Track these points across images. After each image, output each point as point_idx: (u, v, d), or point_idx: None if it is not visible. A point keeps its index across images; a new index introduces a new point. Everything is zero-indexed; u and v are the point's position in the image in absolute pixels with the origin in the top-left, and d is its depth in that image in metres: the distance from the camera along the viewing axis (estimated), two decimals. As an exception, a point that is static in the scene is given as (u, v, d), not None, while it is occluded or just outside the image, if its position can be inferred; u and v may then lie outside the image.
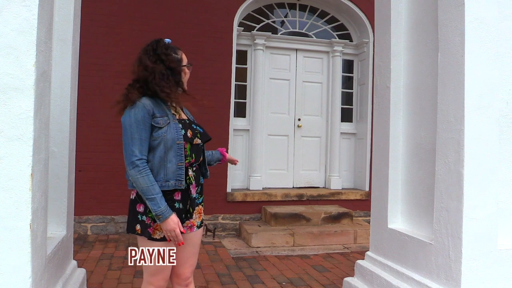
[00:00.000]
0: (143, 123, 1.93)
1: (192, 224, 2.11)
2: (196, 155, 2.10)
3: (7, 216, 1.76)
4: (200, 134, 2.13)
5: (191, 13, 5.67)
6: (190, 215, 2.09)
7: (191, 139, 2.06)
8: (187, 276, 2.15)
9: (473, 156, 2.21)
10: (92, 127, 5.22)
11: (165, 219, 1.90)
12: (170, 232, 1.92)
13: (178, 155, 1.98)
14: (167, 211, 1.91)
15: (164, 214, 1.90)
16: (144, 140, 1.94)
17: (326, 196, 6.17)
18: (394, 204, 2.89)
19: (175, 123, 2.01)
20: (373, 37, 6.05)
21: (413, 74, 2.83)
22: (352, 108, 6.74)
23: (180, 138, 2.00)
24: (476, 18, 2.22)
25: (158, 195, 1.90)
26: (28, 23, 1.77)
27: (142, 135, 1.93)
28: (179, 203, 2.02)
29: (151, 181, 1.91)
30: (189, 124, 2.11)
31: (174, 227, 1.91)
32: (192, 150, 2.07)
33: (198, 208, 2.14)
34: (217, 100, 5.50)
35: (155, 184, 1.92)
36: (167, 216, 1.90)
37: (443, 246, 2.31)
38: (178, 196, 2.02)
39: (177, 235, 1.93)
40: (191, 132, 2.08)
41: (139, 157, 1.91)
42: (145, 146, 1.94)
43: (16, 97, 1.76)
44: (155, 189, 1.91)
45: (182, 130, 2.03)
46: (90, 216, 5.31)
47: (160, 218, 1.90)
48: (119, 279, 3.70)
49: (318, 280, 3.85)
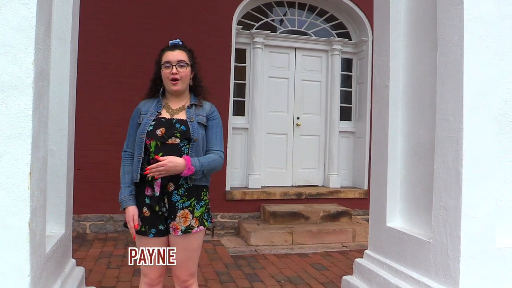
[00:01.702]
0: (132, 120, 2.21)
1: (176, 227, 2.07)
2: (166, 154, 2.02)
3: (6, 214, 1.75)
4: (180, 132, 2.07)
5: (190, 11, 5.66)
6: (173, 217, 2.07)
7: (161, 138, 2.05)
8: (184, 279, 2.15)
9: (471, 154, 2.21)
10: (91, 125, 5.22)
11: (123, 207, 2.11)
12: (126, 222, 2.11)
13: (139, 148, 2.10)
14: (125, 201, 2.10)
15: (122, 203, 2.11)
16: (131, 135, 2.19)
17: (325, 194, 6.17)
18: (393, 203, 2.89)
19: (148, 119, 2.11)
20: (372, 35, 6.03)
21: (412, 73, 2.84)
22: (351, 107, 6.75)
23: (143, 133, 2.08)
24: (475, 17, 2.22)
25: (124, 185, 2.13)
26: (27, 21, 1.77)
27: (130, 130, 2.20)
28: (149, 198, 2.09)
29: (124, 171, 2.16)
30: (169, 123, 2.08)
31: (128, 219, 2.09)
32: (160, 149, 2.05)
33: (184, 212, 2.07)
34: (216, 98, 5.46)
35: (125, 175, 2.14)
36: (124, 206, 2.10)
37: (442, 245, 2.32)
38: (148, 192, 2.09)
39: (130, 227, 2.08)
40: (164, 130, 2.06)
41: (124, 149, 2.20)
42: (131, 140, 2.18)
43: (14, 95, 1.76)
44: (125, 178, 2.14)
45: (150, 126, 2.08)
46: (89, 215, 5.31)
47: (121, 206, 2.12)
48: (118, 277, 3.70)
49: (316, 279, 3.86)
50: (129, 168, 2.14)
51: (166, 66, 2.12)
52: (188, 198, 2.09)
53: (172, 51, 2.15)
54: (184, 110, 2.16)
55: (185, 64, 2.14)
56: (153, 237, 2.07)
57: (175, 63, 2.11)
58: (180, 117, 2.13)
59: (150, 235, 2.06)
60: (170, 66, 2.11)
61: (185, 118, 2.13)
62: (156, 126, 2.08)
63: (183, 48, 2.20)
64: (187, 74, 2.16)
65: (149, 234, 2.06)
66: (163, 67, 2.13)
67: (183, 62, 2.13)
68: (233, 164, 5.93)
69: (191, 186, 2.10)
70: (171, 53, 2.14)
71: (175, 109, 2.16)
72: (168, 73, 2.12)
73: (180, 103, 2.19)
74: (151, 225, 2.07)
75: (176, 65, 2.11)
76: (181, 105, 2.19)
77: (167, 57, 2.13)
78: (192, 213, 2.09)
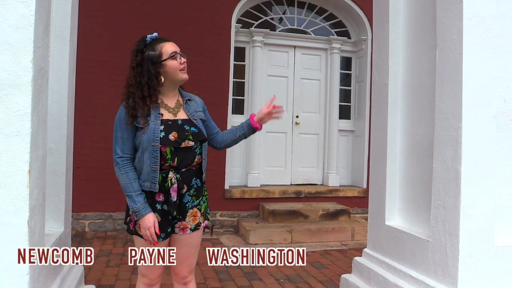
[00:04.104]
0: (121, 122, 1.99)
1: (185, 226, 2.07)
2: (182, 158, 2.01)
3: (5, 212, 1.76)
4: (193, 135, 2.03)
5: (189, 9, 5.65)
6: (182, 217, 2.06)
7: (175, 142, 1.97)
8: (184, 275, 2.16)
9: (470, 153, 2.21)
10: (90, 124, 5.21)
11: (141, 216, 1.95)
12: (144, 230, 1.96)
13: (153, 157, 1.95)
14: (144, 209, 1.95)
15: (140, 212, 1.95)
16: (126, 139, 1.99)
17: (324, 193, 6.18)
18: (392, 201, 2.90)
19: (155, 124, 1.96)
20: (371, 34, 6.03)
21: (411, 72, 2.84)
22: (350, 105, 6.74)
23: (156, 140, 1.94)
24: (474, 16, 2.22)
25: (135, 193, 1.96)
26: (26, 19, 1.77)
27: (124, 134, 1.98)
28: (161, 204, 2.02)
29: (130, 178, 1.97)
30: (177, 125, 2.02)
31: (148, 226, 1.94)
32: (175, 154, 1.99)
33: (193, 211, 2.07)
34: (215, 97, 5.49)
35: (133, 182, 1.97)
36: (143, 214, 1.94)
37: (440, 243, 2.32)
38: (160, 198, 2.01)
39: (151, 234, 1.95)
40: (177, 135, 1.98)
41: (119, 155, 1.98)
42: (127, 144, 1.99)
43: (13, 94, 1.76)
44: (134, 186, 1.96)
45: (162, 132, 1.96)
46: (88, 213, 5.31)
47: (137, 215, 1.96)
48: (117, 275, 3.70)
49: (315, 277, 3.86)
50: (133, 174, 1.98)
51: (173, 57, 2.00)
52: (197, 197, 2.10)
53: (168, 41, 2.06)
54: (181, 107, 2.10)
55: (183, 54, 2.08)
56: (162, 240, 2.05)
57: (180, 52, 2.05)
58: (183, 117, 2.07)
59: (160, 239, 2.02)
60: (179, 55, 2.02)
61: (187, 117, 2.08)
62: (167, 130, 1.97)
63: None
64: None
65: (159, 239, 2.02)
66: (170, 59, 1.99)
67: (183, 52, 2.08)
68: (232, 162, 5.92)
69: (199, 185, 2.11)
70: (170, 43, 2.06)
71: (173, 107, 2.08)
72: (179, 63, 2.01)
73: (174, 98, 2.11)
74: (161, 230, 2.02)
75: (182, 54, 2.04)
76: (175, 100, 2.10)
77: (171, 48, 2.02)
78: (200, 211, 2.11)
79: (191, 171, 2.07)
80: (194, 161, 2.07)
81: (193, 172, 2.08)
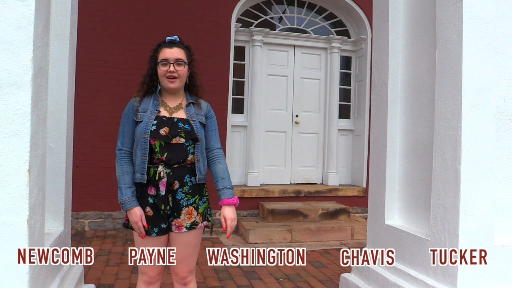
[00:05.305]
0: (126, 117, 2.12)
1: (180, 224, 2.08)
2: (172, 154, 2.04)
3: (5, 212, 1.76)
4: (185, 132, 2.06)
5: (189, 9, 5.65)
6: (177, 214, 2.07)
7: (165, 137, 2.03)
8: (183, 275, 2.16)
9: (470, 153, 2.22)
10: (89, 123, 5.21)
11: (127, 209, 2.04)
12: (132, 223, 2.04)
13: (142, 148, 2.04)
14: (130, 203, 2.03)
15: (125, 204, 2.03)
16: (126, 133, 2.11)
17: (324, 192, 6.18)
18: (391, 201, 2.90)
19: (149, 118, 2.05)
20: (371, 33, 6.05)
21: (411, 71, 2.84)
22: (350, 105, 6.75)
23: (147, 133, 2.03)
24: (473, 16, 2.23)
25: (125, 185, 2.05)
26: (25, 18, 1.77)
27: (125, 128, 2.11)
28: (153, 198, 2.06)
29: (123, 171, 2.07)
30: (171, 122, 2.06)
31: (135, 220, 2.02)
32: (164, 149, 2.03)
33: (188, 209, 2.08)
34: (214, 96, 5.50)
35: (126, 175, 2.06)
36: (128, 207, 2.03)
37: (440, 242, 2.33)
38: (152, 191, 2.06)
39: (138, 227, 2.03)
40: (168, 130, 2.04)
41: (119, 148, 2.11)
42: (127, 138, 2.10)
43: (13, 93, 1.76)
44: (125, 179, 2.06)
45: (153, 126, 2.03)
46: (88, 212, 5.31)
47: (123, 207, 2.05)
48: (116, 274, 3.70)
49: (315, 276, 3.87)
50: (128, 167, 2.07)
51: (163, 63, 2.06)
52: (192, 196, 2.10)
53: (170, 48, 2.09)
54: (182, 108, 2.13)
55: (183, 63, 2.09)
56: (156, 236, 2.06)
57: (173, 61, 2.06)
58: (180, 116, 2.10)
59: (153, 234, 2.05)
60: (168, 64, 2.06)
61: (186, 117, 2.10)
62: (159, 125, 2.04)
63: (181, 46, 2.14)
64: (184, 72, 2.11)
65: (152, 234, 2.05)
66: (160, 64, 2.07)
67: (181, 61, 2.08)
68: (232, 162, 5.93)
69: (195, 184, 2.11)
70: (169, 50, 2.08)
71: (173, 107, 2.13)
72: (165, 71, 2.06)
73: (177, 101, 2.15)
74: (154, 224, 2.06)
75: (173, 63, 2.06)
76: (178, 103, 2.15)
77: (165, 55, 2.07)
78: (197, 210, 2.11)
79: (185, 168, 2.09)
80: (186, 159, 2.08)
81: (186, 169, 2.09)
